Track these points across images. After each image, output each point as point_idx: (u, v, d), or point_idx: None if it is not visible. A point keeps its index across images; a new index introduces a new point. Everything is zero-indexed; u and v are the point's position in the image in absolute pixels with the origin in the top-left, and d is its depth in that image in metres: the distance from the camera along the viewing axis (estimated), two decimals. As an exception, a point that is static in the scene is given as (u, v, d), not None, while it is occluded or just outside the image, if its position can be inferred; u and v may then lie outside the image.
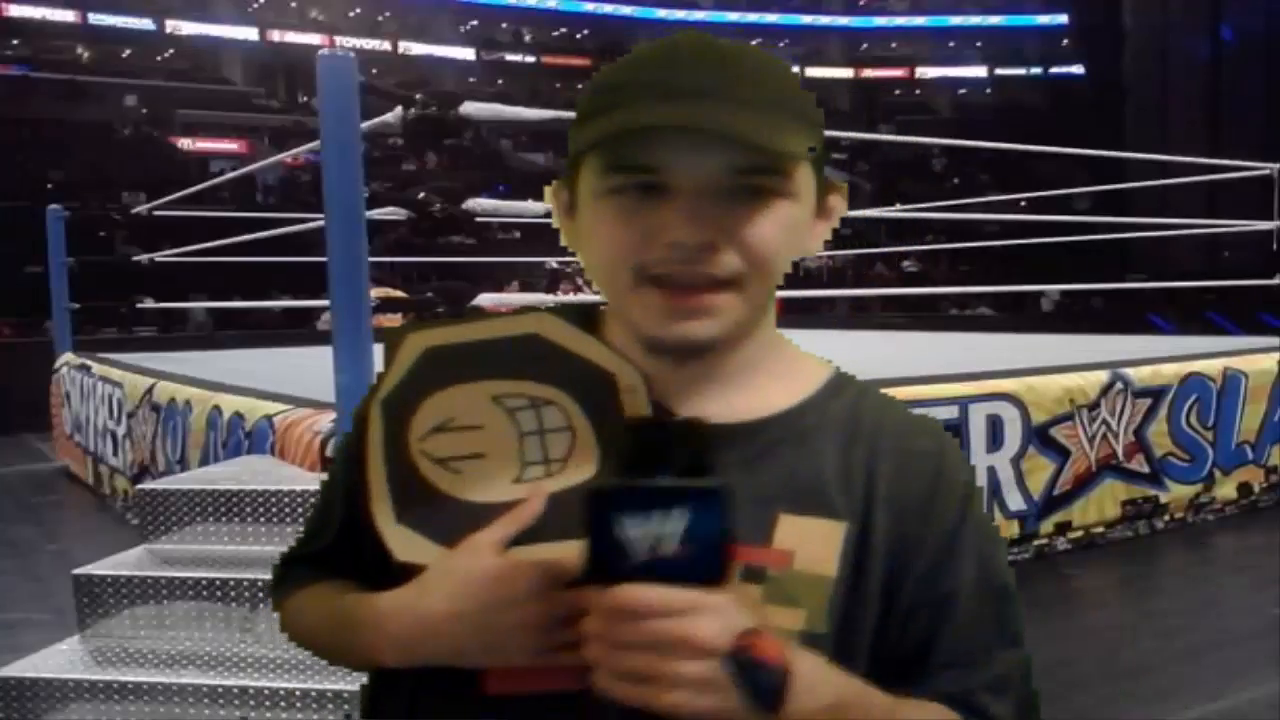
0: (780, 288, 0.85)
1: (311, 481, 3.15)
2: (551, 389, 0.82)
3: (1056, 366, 4.89)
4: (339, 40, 35.57)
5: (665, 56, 0.79)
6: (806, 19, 44.35)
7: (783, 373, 0.86)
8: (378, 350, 0.89)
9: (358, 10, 40.82)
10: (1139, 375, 4.96)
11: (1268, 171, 6.89)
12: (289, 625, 0.94)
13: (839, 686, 0.71)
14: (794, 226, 0.80)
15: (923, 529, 0.81)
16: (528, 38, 43.88)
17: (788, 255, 0.81)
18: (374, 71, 32.02)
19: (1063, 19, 37.01)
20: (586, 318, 0.87)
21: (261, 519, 3.07)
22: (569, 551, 0.73)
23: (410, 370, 0.85)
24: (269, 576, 0.99)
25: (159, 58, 35.75)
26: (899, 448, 0.83)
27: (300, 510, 3.03)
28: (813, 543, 0.78)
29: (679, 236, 0.75)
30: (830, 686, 0.70)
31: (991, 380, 4.54)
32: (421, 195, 4.08)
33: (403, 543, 0.79)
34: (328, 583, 0.90)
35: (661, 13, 42.53)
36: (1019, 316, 15.69)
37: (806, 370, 0.88)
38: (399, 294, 6.72)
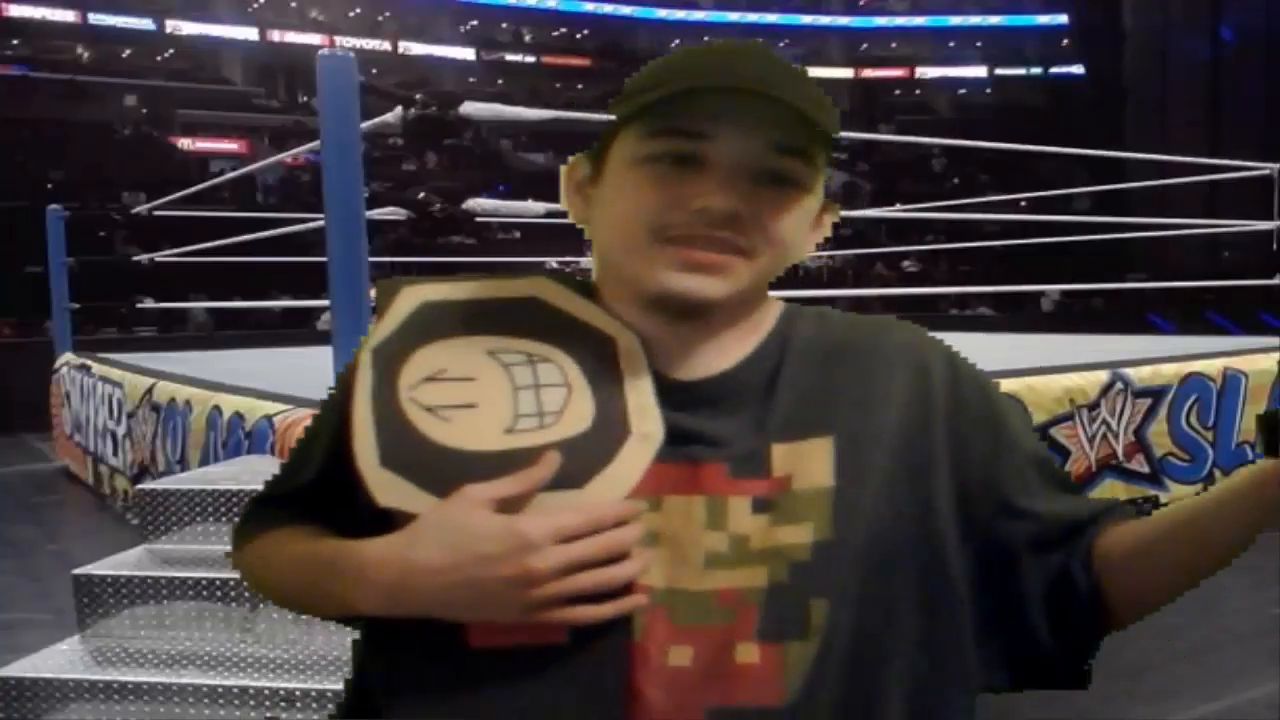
0: (777, 287, 0.88)
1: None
2: (549, 347, 0.83)
3: (1056, 366, 4.89)
4: (339, 40, 35.54)
5: (714, 49, 0.83)
6: (806, 19, 44.32)
7: (748, 325, 0.88)
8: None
9: (358, 10, 40.80)
10: (1139, 375, 4.96)
11: (1268, 171, 6.89)
12: (251, 568, 0.92)
13: None
14: (808, 222, 0.85)
15: (939, 418, 0.84)
16: (528, 38, 43.86)
17: (798, 248, 0.85)
18: (374, 71, 31.99)
19: (1063, 19, 37.00)
20: (584, 287, 0.89)
21: (261, 519, 3.07)
22: (564, 504, 0.75)
23: (405, 322, 0.85)
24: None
25: (159, 58, 35.73)
26: (884, 347, 0.87)
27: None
28: (807, 461, 0.81)
29: (709, 202, 0.79)
30: None
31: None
32: (421, 195, 4.08)
33: (386, 487, 0.77)
34: (300, 526, 0.88)
35: (661, 13, 42.47)
36: (1019, 316, 15.67)
37: (763, 313, 0.90)
38: (399, 294, 6.71)
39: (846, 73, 42.86)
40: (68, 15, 34.05)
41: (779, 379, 0.84)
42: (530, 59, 42.46)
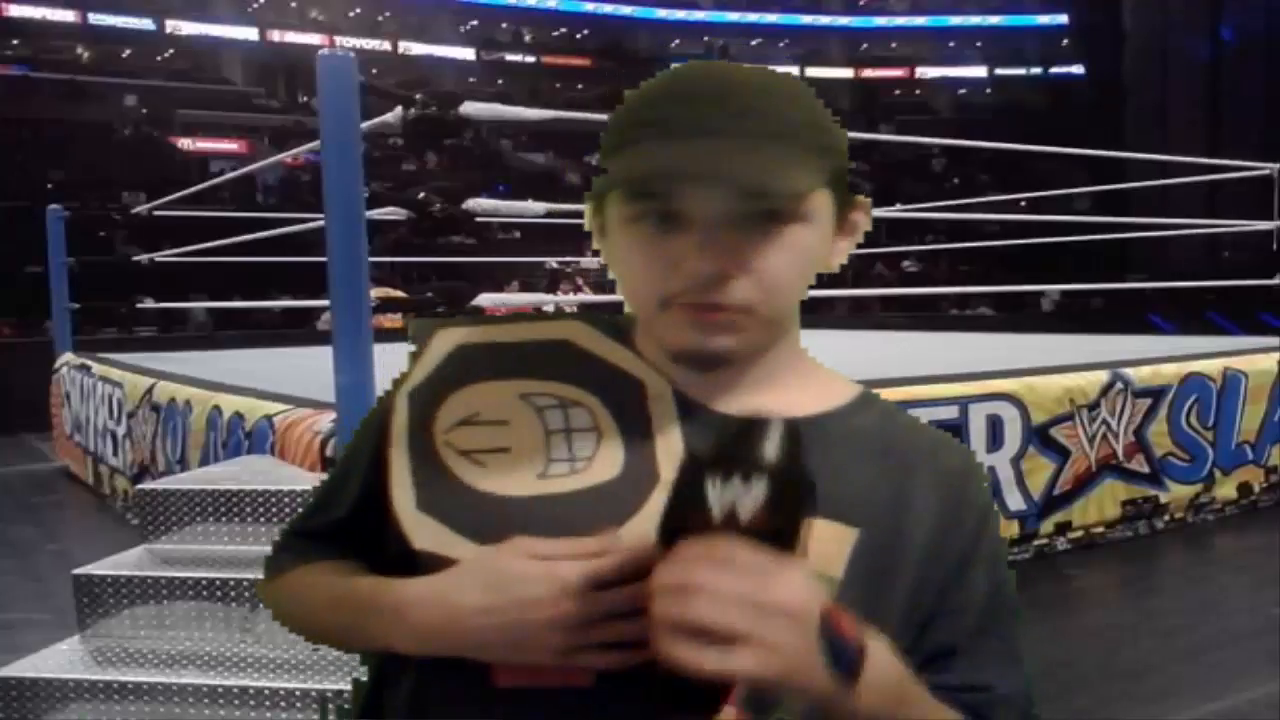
0: None
1: (311, 481, 3.14)
2: (580, 391, 0.83)
3: (1056, 366, 4.89)
4: (339, 40, 35.55)
5: (680, 91, 0.82)
6: (806, 19, 44.32)
7: (807, 384, 0.89)
8: (378, 350, 0.89)
9: (358, 10, 40.80)
10: (1139, 375, 4.96)
11: (1268, 171, 6.89)
12: (281, 601, 0.93)
13: (901, 673, 0.75)
14: (808, 251, 0.83)
15: (945, 543, 0.84)
16: (528, 38, 43.85)
17: (802, 279, 0.84)
18: (374, 71, 31.97)
19: (1063, 19, 36.98)
20: (617, 328, 0.89)
21: (261, 519, 3.08)
22: (601, 551, 0.75)
23: (440, 365, 0.86)
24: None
25: (159, 58, 35.73)
26: (933, 467, 0.87)
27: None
28: (824, 544, 0.79)
29: (694, 267, 0.79)
30: (895, 671, 0.74)
31: (991, 380, 4.54)
32: (421, 195, 4.08)
33: (422, 530, 0.78)
34: (333, 562, 0.89)
35: (661, 13, 42.45)
36: (1019, 316, 15.66)
37: (832, 386, 0.91)
38: (399, 294, 6.72)
39: (846, 73, 42.86)
40: (68, 15, 34.05)
41: (827, 455, 0.82)
42: (530, 59, 42.44)
